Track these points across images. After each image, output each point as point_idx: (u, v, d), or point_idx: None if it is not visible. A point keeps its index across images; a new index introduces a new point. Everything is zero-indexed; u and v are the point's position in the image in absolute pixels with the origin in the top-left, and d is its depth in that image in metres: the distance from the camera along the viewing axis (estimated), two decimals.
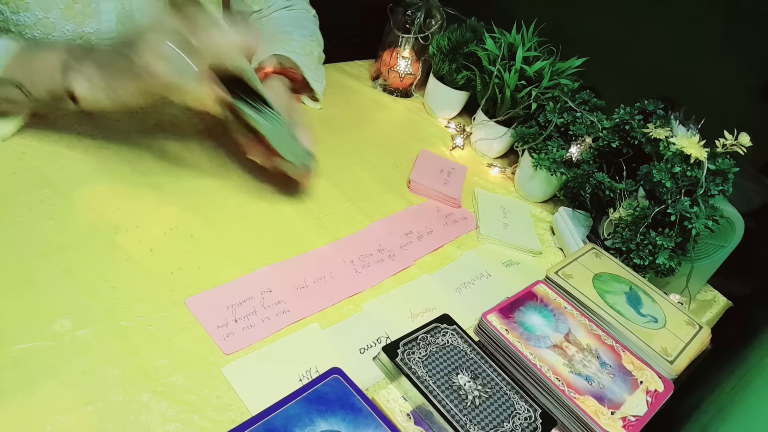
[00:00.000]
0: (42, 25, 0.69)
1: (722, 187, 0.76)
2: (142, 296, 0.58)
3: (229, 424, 0.50)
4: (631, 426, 0.58)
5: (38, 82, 0.63)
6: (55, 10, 0.69)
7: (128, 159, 0.73)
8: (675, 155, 0.77)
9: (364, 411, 0.52)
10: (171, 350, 0.54)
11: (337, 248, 0.73)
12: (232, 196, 0.74)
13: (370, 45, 1.21)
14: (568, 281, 0.73)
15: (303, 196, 0.79)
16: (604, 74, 1.03)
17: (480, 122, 1.06)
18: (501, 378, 0.59)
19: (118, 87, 0.62)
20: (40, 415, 0.46)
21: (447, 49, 1.07)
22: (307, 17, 1.00)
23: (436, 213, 0.87)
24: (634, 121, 0.85)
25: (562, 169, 0.93)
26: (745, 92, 1.00)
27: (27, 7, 0.68)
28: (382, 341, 0.63)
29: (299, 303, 0.64)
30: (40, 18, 0.69)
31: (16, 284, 0.54)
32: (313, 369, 0.57)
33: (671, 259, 0.77)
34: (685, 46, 1.03)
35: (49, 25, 0.70)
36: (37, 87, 0.63)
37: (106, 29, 0.74)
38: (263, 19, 0.96)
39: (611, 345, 0.67)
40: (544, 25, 1.01)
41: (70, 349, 0.51)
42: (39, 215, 0.61)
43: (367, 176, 0.89)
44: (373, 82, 1.19)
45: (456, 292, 0.74)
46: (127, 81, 0.62)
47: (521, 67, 0.98)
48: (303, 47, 0.90)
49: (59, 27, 0.70)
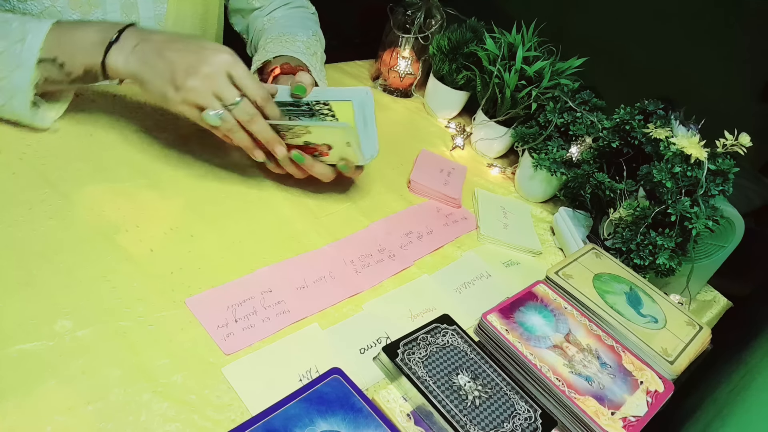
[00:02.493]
0: (49, 14, 0.69)
1: (722, 187, 0.76)
2: (142, 296, 0.58)
3: (229, 424, 0.50)
4: (631, 426, 0.58)
5: (77, 57, 0.63)
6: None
7: (128, 159, 0.73)
8: (675, 155, 0.77)
9: (364, 411, 0.52)
10: (171, 350, 0.54)
11: (337, 248, 0.73)
12: (232, 196, 0.74)
13: (370, 45, 1.21)
14: (569, 281, 0.73)
15: (303, 197, 0.79)
16: (604, 74, 1.03)
17: (480, 122, 1.06)
18: (501, 378, 0.59)
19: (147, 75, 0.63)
20: (40, 415, 0.46)
21: (447, 49, 1.07)
22: (309, 16, 1.00)
23: (436, 213, 0.87)
24: (635, 121, 0.85)
25: (562, 169, 0.93)
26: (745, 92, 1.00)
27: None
28: (382, 341, 0.63)
29: (299, 303, 0.64)
30: (47, 6, 0.69)
31: (16, 284, 0.54)
32: (313, 369, 0.57)
33: (671, 259, 0.77)
34: (685, 46, 1.03)
35: (55, 14, 0.70)
36: (76, 63, 0.63)
37: (111, 19, 0.75)
38: (265, 17, 0.96)
39: (611, 345, 0.67)
40: (544, 25, 1.01)
41: (70, 349, 0.51)
42: (39, 215, 0.61)
43: (367, 176, 0.89)
44: (373, 82, 1.19)
45: (456, 292, 0.74)
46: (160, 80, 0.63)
47: (521, 67, 0.98)
48: (308, 47, 0.90)
49: (66, 16, 0.71)
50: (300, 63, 0.85)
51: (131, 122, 0.78)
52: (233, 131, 0.65)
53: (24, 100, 0.64)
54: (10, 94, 0.63)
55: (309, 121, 0.70)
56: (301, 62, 0.85)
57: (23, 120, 0.67)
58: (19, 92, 0.63)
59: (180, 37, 0.65)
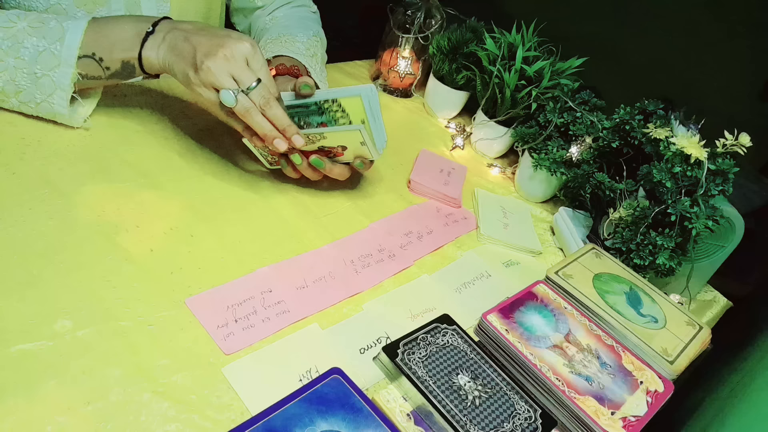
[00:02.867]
0: (54, 11, 0.70)
1: (722, 187, 0.76)
2: (142, 296, 0.58)
3: (229, 424, 0.50)
4: (631, 426, 0.58)
5: (115, 51, 0.65)
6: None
7: (128, 159, 0.73)
8: (675, 155, 0.77)
9: (364, 411, 0.52)
10: (171, 350, 0.54)
11: (337, 248, 0.73)
12: (232, 196, 0.74)
13: (370, 45, 1.21)
14: (568, 281, 0.73)
15: (303, 197, 0.79)
16: (604, 74, 1.03)
17: (480, 122, 1.06)
18: (501, 378, 0.59)
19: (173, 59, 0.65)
20: (40, 415, 0.46)
21: (447, 49, 1.07)
22: (310, 15, 1.00)
23: (436, 213, 0.87)
24: (634, 121, 0.85)
25: (562, 169, 0.93)
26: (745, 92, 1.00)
27: None
28: (382, 341, 0.63)
29: (299, 303, 0.64)
30: (52, 3, 0.70)
31: (16, 284, 0.54)
32: (313, 369, 0.57)
33: (671, 259, 0.77)
34: (685, 46, 1.03)
35: (60, 11, 0.70)
36: (114, 57, 0.65)
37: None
38: (267, 17, 0.96)
39: (611, 345, 0.67)
40: (544, 25, 1.01)
41: (70, 349, 0.51)
42: (39, 215, 0.61)
43: (367, 176, 0.89)
44: (373, 82, 1.19)
45: (456, 292, 0.74)
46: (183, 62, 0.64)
47: (521, 67, 0.98)
48: (308, 48, 0.90)
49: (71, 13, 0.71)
50: (297, 63, 0.85)
51: (131, 122, 0.78)
52: (250, 113, 0.65)
53: (63, 97, 0.66)
54: (50, 90, 0.65)
55: (324, 129, 0.71)
56: (299, 63, 0.85)
57: (59, 118, 0.69)
58: (59, 89, 0.65)
59: (209, 26, 0.67)
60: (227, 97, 0.64)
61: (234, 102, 0.64)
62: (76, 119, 0.70)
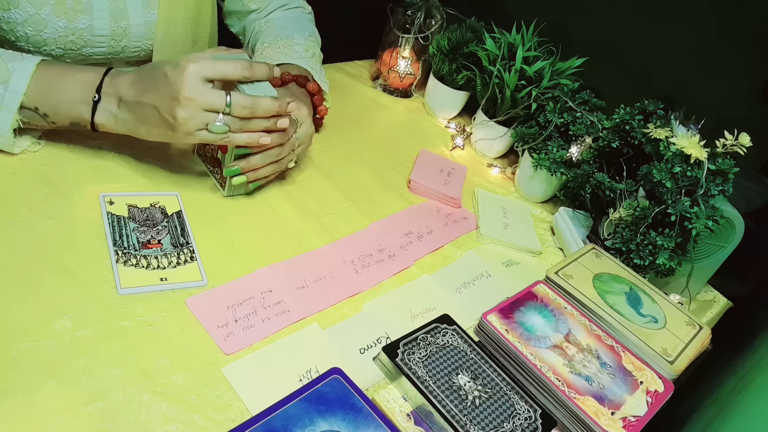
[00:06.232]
0: (33, 22, 0.69)
1: (722, 187, 0.76)
2: (142, 296, 0.58)
3: (229, 424, 0.50)
4: (631, 426, 0.58)
5: (61, 111, 0.63)
6: (47, 5, 0.68)
7: (128, 159, 0.73)
8: (675, 155, 0.77)
9: (364, 411, 0.52)
10: (171, 350, 0.54)
11: (337, 248, 0.73)
12: (231, 196, 0.74)
13: (370, 45, 1.21)
14: (568, 281, 0.73)
15: (303, 197, 0.79)
16: (604, 74, 1.03)
17: (480, 122, 1.06)
18: (501, 378, 0.59)
19: (142, 129, 0.64)
20: (40, 415, 0.46)
21: (447, 49, 1.07)
22: (305, 16, 1.00)
23: (436, 213, 0.87)
24: (634, 121, 0.85)
25: (562, 169, 0.93)
26: (745, 92, 1.00)
27: (18, 4, 0.67)
28: (382, 341, 0.63)
29: (299, 303, 0.64)
30: (31, 14, 0.68)
31: (16, 284, 0.54)
32: (313, 369, 0.57)
33: (671, 259, 0.77)
34: (685, 46, 1.03)
35: (40, 21, 0.69)
36: (60, 116, 0.64)
37: (99, 26, 0.74)
38: (262, 20, 0.95)
39: (611, 345, 0.67)
40: (544, 25, 1.01)
41: (70, 349, 0.51)
42: (39, 215, 0.61)
43: (367, 176, 0.89)
44: (373, 82, 1.19)
45: (456, 292, 0.74)
46: (155, 127, 0.63)
47: (521, 67, 0.98)
48: (306, 50, 0.90)
49: (51, 23, 0.70)
50: (303, 71, 0.85)
51: None
52: (245, 123, 0.64)
53: (3, 139, 0.63)
54: None
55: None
56: (304, 70, 0.85)
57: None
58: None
59: (139, 71, 0.64)
60: (218, 128, 0.62)
61: (225, 128, 0.63)
62: (18, 149, 0.67)
